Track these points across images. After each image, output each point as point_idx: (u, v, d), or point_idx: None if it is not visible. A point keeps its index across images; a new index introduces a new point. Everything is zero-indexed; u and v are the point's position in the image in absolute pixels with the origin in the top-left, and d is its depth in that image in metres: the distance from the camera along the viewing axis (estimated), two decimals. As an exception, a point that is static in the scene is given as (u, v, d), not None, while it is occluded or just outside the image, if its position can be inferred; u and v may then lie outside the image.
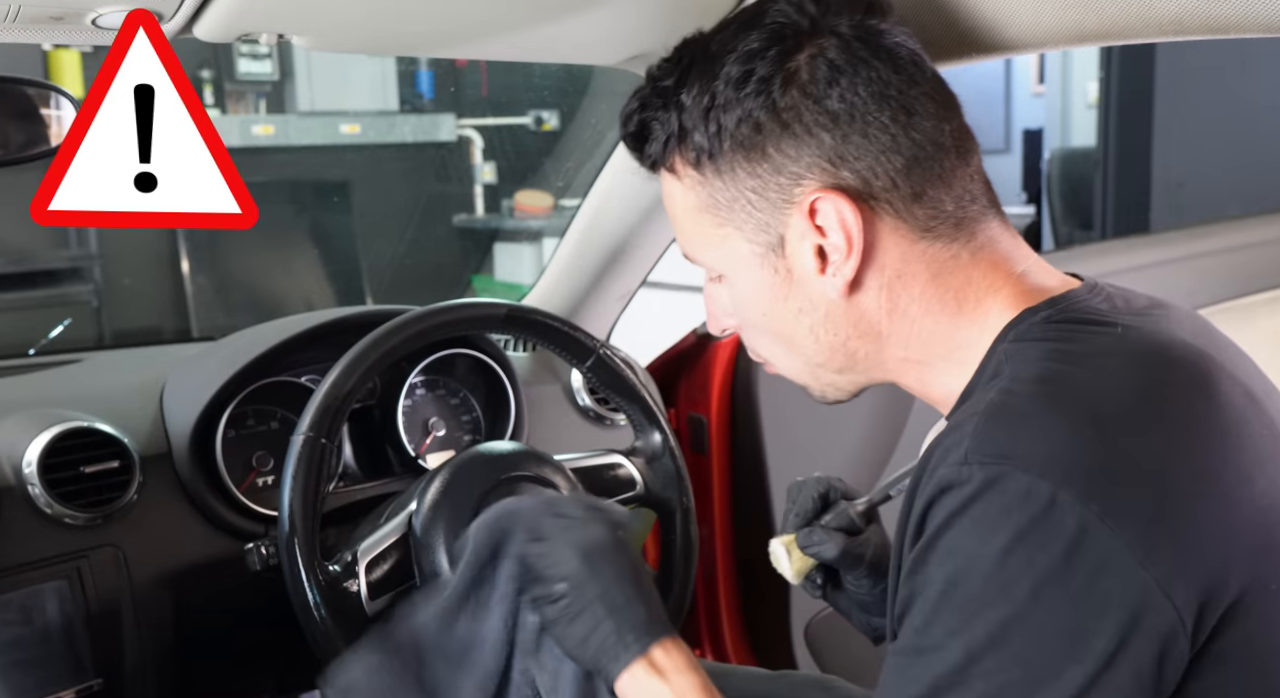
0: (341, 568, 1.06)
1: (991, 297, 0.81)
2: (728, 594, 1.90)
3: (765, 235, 0.81)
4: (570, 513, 0.91)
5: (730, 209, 0.82)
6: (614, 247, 1.59)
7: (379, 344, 1.11)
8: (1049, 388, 0.72)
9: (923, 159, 0.79)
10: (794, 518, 1.06)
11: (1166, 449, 0.70)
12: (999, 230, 0.82)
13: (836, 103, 0.77)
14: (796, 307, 0.83)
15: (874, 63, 0.78)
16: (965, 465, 0.69)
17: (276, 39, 1.01)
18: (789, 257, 0.81)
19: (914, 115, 0.78)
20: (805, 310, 0.83)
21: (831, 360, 0.85)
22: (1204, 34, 0.88)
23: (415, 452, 1.40)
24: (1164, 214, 4.01)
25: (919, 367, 0.84)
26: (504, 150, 5.24)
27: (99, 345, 3.98)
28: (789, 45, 0.78)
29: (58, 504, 1.15)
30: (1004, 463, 0.68)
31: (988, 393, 0.74)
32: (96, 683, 1.17)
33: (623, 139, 0.88)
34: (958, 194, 0.80)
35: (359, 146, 4.88)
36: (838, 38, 0.78)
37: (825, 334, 0.83)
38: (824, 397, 0.90)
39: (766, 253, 0.82)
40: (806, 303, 0.83)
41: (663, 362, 1.91)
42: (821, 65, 0.77)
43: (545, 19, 1.05)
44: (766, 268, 0.82)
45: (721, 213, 0.82)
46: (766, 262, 0.82)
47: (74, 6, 0.88)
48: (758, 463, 1.82)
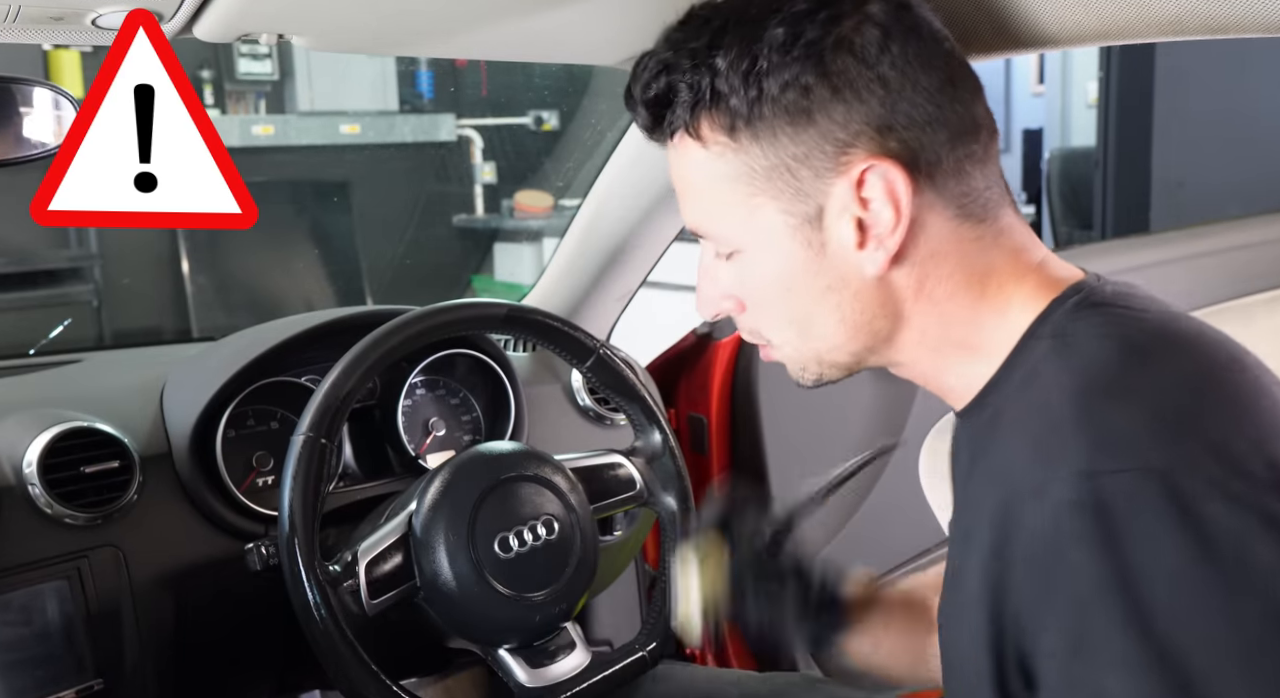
0: (341, 568, 1.06)
1: (1014, 284, 0.79)
2: (728, 594, 1.89)
3: (802, 206, 0.77)
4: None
5: (767, 178, 0.77)
6: (614, 247, 1.59)
7: (379, 344, 1.11)
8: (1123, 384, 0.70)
9: (963, 134, 0.77)
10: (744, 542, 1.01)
11: (1251, 422, 0.68)
12: (1015, 219, 0.81)
13: (888, 68, 0.74)
14: (825, 283, 0.79)
15: (919, 31, 0.76)
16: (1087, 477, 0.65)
17: (276, 39, 1.01)
18: (825, 229, 0.77)
19: (957, 87, 0.77)
20: (834, 287, 0.79)
21: (852, 341, 0.81)
22: (1204, 34, 0.88)
23: (415, 452, 1.40)
24: (1164, 214, 4.01)
25: (932, 354, 0.81)
26: (504, 150, 5.24)
27: (99, 345, 3.98)
28: (837, 10, 0.75)
29: (58, 504, 1.15)
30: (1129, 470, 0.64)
31: (1046, 396, 0.71)
32: (96, 683, 1.17)
33: (641, 104, 0.81)
34: (987, 175, 0.79)
35: (359, 146, 4.89)
36: (883, 3, 0.76)
37: (851, 313, 0.80)
38: (819, 378, 0.85)
39: (801, 225, 0.77)
40: (837, 279, 0.78)
41: (663, 362, 1.91)
42: (872, 29, 0.74)
43: (546, 19, 1.05)
44: (799, 241, 0.78)
45: (756, 181, 0.77)
46: (799, 234, 0.78)
47: (74, 6, 0.88)
48: (758, 463, 1.82)
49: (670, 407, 1.89)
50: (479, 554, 1.09)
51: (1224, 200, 3.69)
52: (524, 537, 1.12)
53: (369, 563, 1.06)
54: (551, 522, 1.14)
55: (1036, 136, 5.92)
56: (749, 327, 0.85)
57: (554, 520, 1.14)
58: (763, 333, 0.85)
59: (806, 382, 0.86)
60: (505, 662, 1.13)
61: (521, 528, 1.12)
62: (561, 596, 1.14)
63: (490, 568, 1.09)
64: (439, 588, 1.08)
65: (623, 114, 1.43)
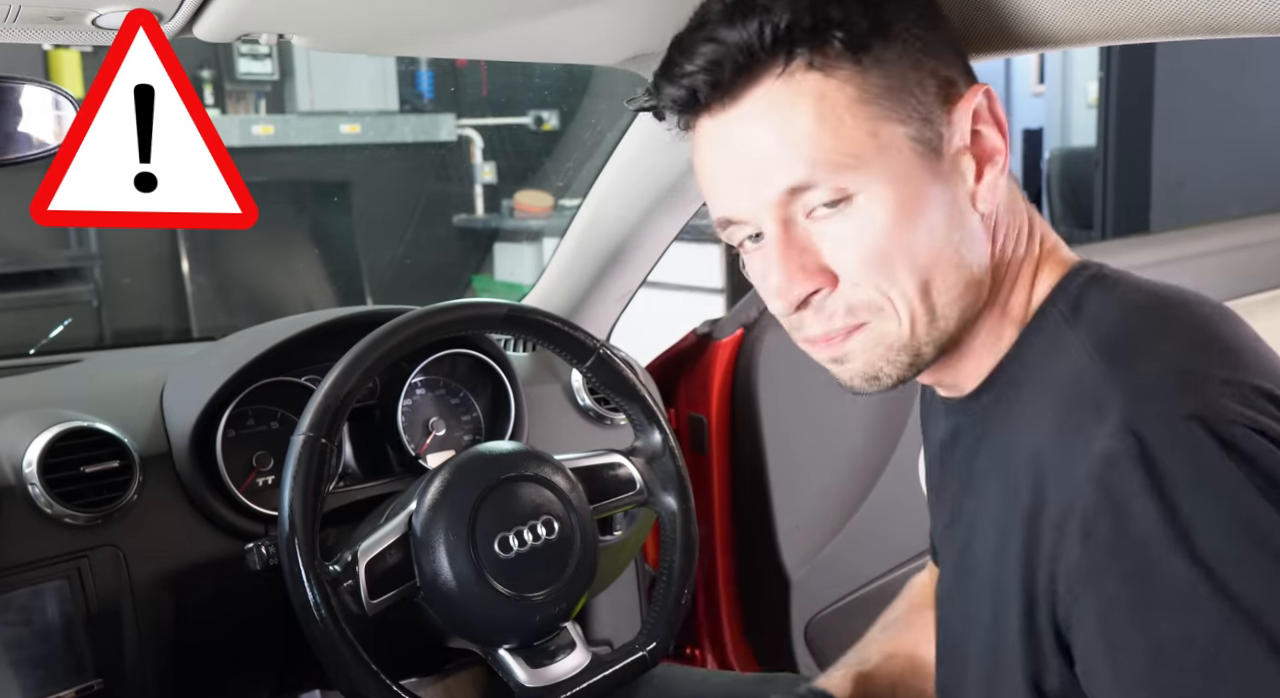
0: (341, 568, 1.06)
1: (1040, 250, 0.82)
2: (728, 594, 1.90)
3: (927, 130, 0.75)
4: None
5: (893, 99, 0.74)
6: (614, 247, 1.59)
7: (379, 344, 1.11)
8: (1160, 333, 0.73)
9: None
10: None
11: (1252, 365, 0.71)
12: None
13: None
14: (950, 218, 0.76)
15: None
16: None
17: (276, 39, 1.01)
18: (945, 158, 0.76)
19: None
20: (956, 225, 0.76)
21: (964, 296, 0.77)
22: (1204, 34, 0.88)
23: (415, 452, 1.40)
24: (1164, 214, 4.01)
25: (987, 317, 0.80)
26: (504, 150, 5.24)
27: (99, 345, 3.98)
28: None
29: (58, 504, 1.15)
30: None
31: (1072, 361, 0.73)
32: (96, 683, 1.17)
33: (728, 49, 0.75)
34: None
35: (359, 146, 4.88)
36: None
37: (969, 257, 0.77)
38: (915, 360, 0.78)
39: (927, 152, 0.75)
40: (958, 216, 0.76)
41: (663, 362, 1.91)
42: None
43: (546, 19, 1.05)
44: (927, 169, 0.75)
45: (884, 102, 0.74)
46: (927, 162, 0.75)
47: (74, 6, 0.88)
48: (758, 463, 1.82)
49: (670, 407, 1.89)
50: (479, 554, 1.09)
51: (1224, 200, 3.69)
52: (524, 537, 1.12)
53: (369, 563, 1.06)
54: (551, 522, 1.14)
55: (1036, 136, 5.91)
56: (847, 302, 0.77)
57: (554, 520, 1.14)
58: (871, 300, 0.77)
59: (890, 376, 0.79)
60: (505, 662, 1.13)
61: (521, 528, 1.12)
62: (561, 596, 1.14)
63: (490, 568, 1.09)
64: (439, 588, 1.08)
65: (623, 114, 1.43)
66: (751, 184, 0.77)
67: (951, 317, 0.78)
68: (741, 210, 0.79)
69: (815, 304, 0.77)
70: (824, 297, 0.77)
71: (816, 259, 0.76)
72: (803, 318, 0.79)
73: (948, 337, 0.78)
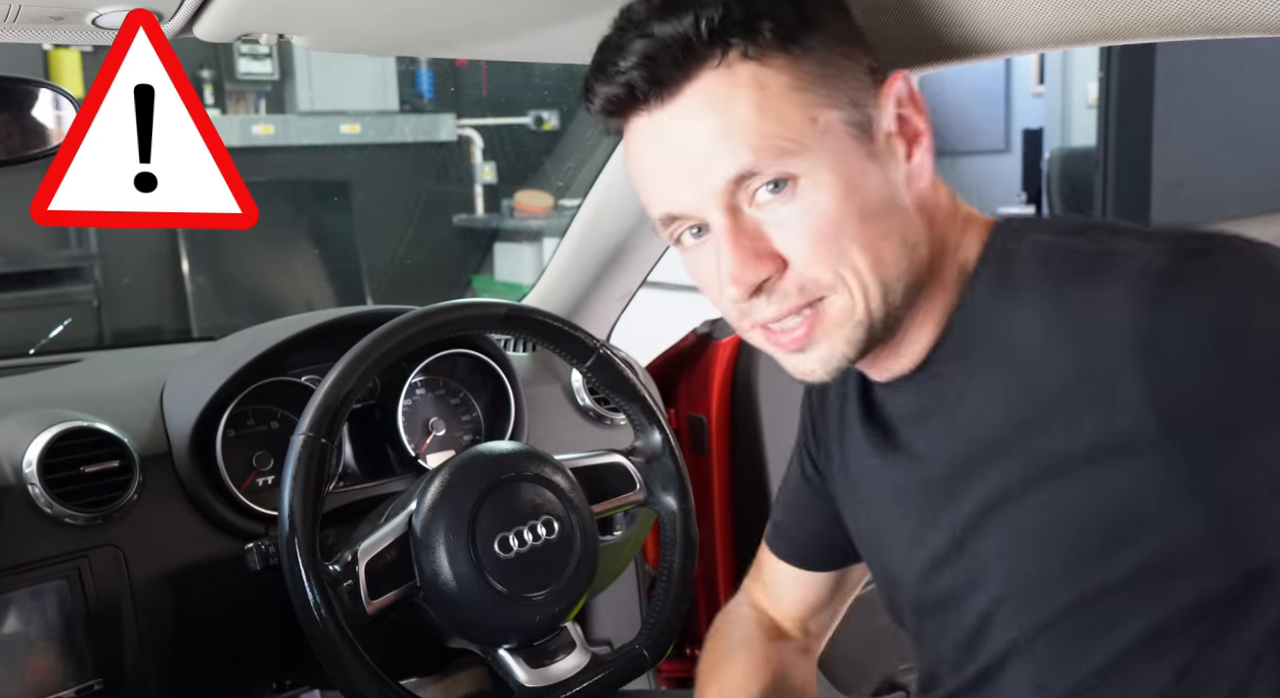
0: (341, 568, 1.06)
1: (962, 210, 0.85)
2: (728, 595, 1.89)
3: (858, 115, 0.78)
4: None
5: (826, 85, 0.77)
6: (614, 247, 1.59)
7: (379, 344, 1.11)
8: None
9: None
10: None
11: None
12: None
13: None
14: (888, 197, 0.79)
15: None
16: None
17: (276, 39, 1.01)
18: (877, 140, 0.79)
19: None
20: (894, 204, 0.79)
21: (909, 271, 0.80)
22: (1204, 34, 0.88)
23: (415, 452, 1.40)
24: (1164, 214, 4.00)
25: (932, 288, 0.83)
26: (504, 150, 5.24)
27: (99, 345, 3.98)
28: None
29: (58, 504, 1.15)
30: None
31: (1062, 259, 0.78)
32: (96, 683, 1.17)
33: (660, 44, 0.76)
34: None
35: (359, 146, 4.88)
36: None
37: (909, 233, 0.80)
38: (872, 324, 0.79)
39: (860, 135, 0.78)
40: (895, 195, 0.79)
41: (663, 362, 1.91)
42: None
43: (546, 19, 1.05)
44: (862, 151, 0.77)
45: (818, 89, 0.76)
46: (861, 145, 0.78)
47: (74, 6, 0.88)
48: (758, 463, 1.82)
49: (670, 407, 1.89)
50: (479, 554, 1.09)
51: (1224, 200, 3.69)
52: (524, 537, 1.12)
53: (369, 563, 1.06)
54: (551, 522, 1.14)
55: (1036, 136, 5.91)
56: (800, 281, 0.78)
57: (554, 520, 1.14)
58: (823, 278, 0.78)
59: (847, 358, 0.81)
60: (505, 662, 1.13)
61: (521, 528, 1.12)
62: (561, 595, 1.14)
63: (490, 568, 1.09)
64: (439, 588, 1.08)
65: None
66: (694, 177, 0.78)
67: (899, 291, 0.80)
68: (684, 204, 0.80)
69: (767, 289, 0.79)
70: (775, 281, 0.79)
71: (767, 245, 0.78)
72: (753, 305, 0.80)
73: (897, 311, 0.81)
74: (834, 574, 1.12)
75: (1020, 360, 0.78)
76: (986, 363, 0.81)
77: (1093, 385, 0.74)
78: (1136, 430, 0.72)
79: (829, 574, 1.12)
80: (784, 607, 1.14)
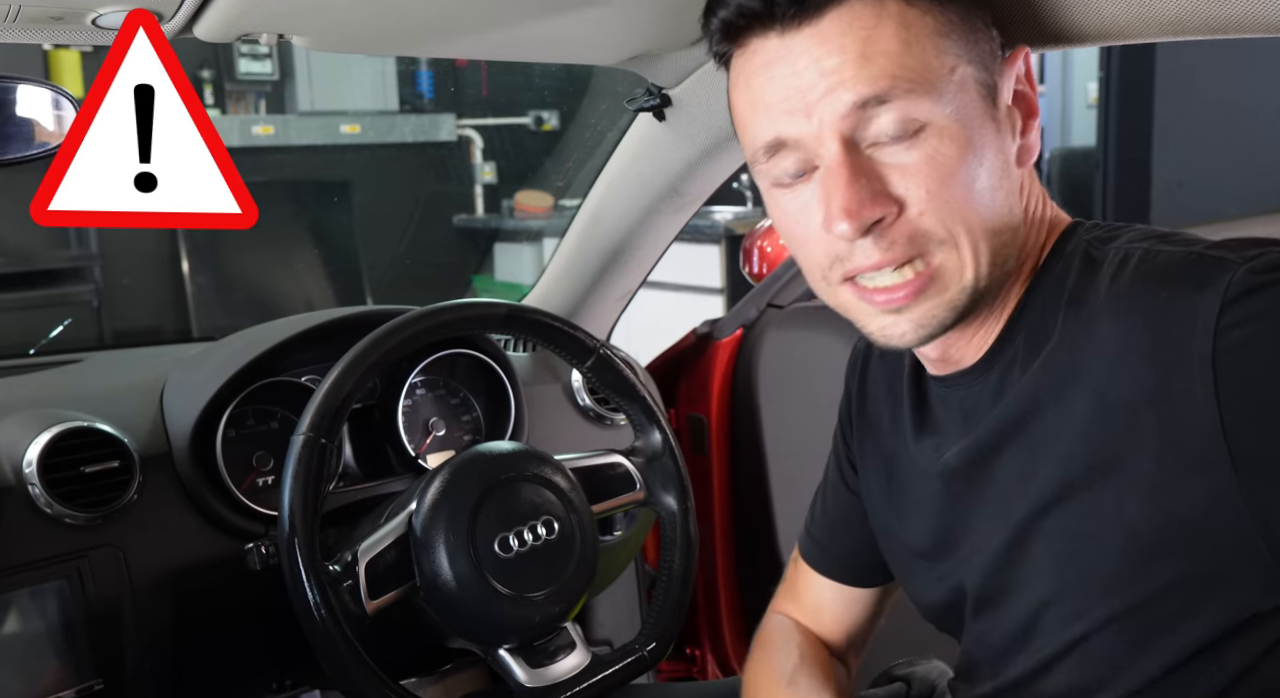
0: (341, 568, 1.06)
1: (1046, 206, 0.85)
2: (728, 594, 1.90)
3: (988, 76, 0.78)
4: None
5: (967, 40, 0.76)
6: (614, 247, 1.59)
7: (379, 344, 1.11)
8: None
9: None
10: None
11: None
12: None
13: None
14: (1005, 163, 0.78)
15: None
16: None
17: (276, 39, 1.01)
18: (1000, 107, 0.79)
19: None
20: (1006, 175, 0.78)
21: (1008, 245, 0.79)
22: (1204, 34, 0.88)
23: (415, 452, 1.40)
24: (1164, 214, 4.01)
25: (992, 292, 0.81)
26: (504, 150, 5.24)
27: (99, 345, 3.98)
28: None
29: (58, 504, 1.15)
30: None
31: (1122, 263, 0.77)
32: (96, 683, 1.17)
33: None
34: None
35: (359, 146, 4.88)
36: None
37: (1015, 208, 0.79)
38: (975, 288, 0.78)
39: (988, 95, 0.77)
40: (1007, 166, 0.79)
41: (663, 362, 1.91)
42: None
43: (545, 19, 1.05)
44: (988, 112, 0.77)
45: (960, 41, 0.76)
46: (988, 109, 0.77)
47: (74, 6, 0.88)
48: (758, 463, 1.82)
49: (670, 407, 1.89)
50: (479, 554, 1.09)
51: (1224, 200, 3.69)
52: (524, 537, 1.12)
53: (369, 563, 1.06)
54: (551, 522, 1.14)
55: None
56: (911, 229, 0.76)
57: (554, 520, 1.14)
58: (935, 231, 0.76)
59: (943, 323, 0.79)
60: (505, 662, 1.13)
61: (521, 528, 1.12)
62: (561, 595, 1.14)
63: (490, 568, 1.09)
64: (439, 588, 1.08)
65: (623, 114, 1.43)
66: (817, 103, 0.75)
67: (1005, 262, 0.79)
68: (800, 130, 0.76)
69: (877, 232, 0.75)
70: (887, 225, 0.75)
71: (884, 186, 0.75)
72: (855, 248, 0.76)
73: (998, 284, 0.79)
74: (879, 590, 1.09)
75: (1088, 364, 0.76)
76: (1051, 363, 0.79)
77: (1162, 397, 0.71)
78: (1203, 448, 0.70)
79: (873, 590, 1.09)
80: (824, 625, 1.10)
